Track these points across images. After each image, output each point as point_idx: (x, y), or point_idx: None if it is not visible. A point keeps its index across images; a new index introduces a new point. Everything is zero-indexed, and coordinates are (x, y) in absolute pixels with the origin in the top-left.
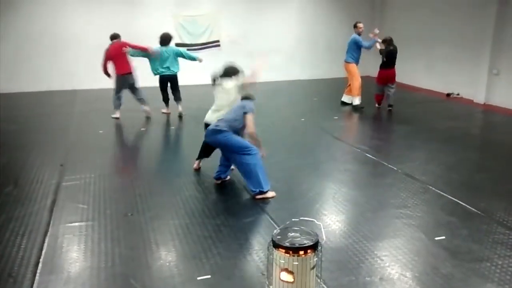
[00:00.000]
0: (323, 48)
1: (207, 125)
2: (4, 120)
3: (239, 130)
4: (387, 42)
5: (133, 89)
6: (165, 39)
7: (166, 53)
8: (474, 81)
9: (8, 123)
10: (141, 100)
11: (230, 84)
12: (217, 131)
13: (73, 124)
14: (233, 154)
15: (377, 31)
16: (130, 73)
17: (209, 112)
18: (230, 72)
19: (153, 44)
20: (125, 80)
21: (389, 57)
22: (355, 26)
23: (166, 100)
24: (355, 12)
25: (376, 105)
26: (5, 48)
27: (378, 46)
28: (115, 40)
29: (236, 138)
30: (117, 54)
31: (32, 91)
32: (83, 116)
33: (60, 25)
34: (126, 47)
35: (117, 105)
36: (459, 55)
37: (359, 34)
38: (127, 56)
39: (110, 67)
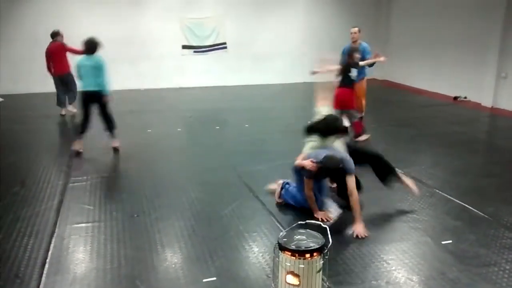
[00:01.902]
0: (329, 51)
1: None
2: (11, 121)
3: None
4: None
5: (68, 89)
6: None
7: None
8: (481, 84)
9: (16, 124)
10: (71, 100)
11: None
12: None
13: None
14: None
15: (382, 58)
16: (68, 73)
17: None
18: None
19: (155, 47)
20: (62, 80)
21: (344, 70)
22: None
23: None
24: (361, 15)
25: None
26: (14, 49)
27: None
28: (56, 38)
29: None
30: (56, 53)
31: (39, 92)
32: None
33: (66, 27)
34: (66, 51)
35: (62, 102)
36: (467, 57)
37: (353, 42)
38: (66, 56)
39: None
